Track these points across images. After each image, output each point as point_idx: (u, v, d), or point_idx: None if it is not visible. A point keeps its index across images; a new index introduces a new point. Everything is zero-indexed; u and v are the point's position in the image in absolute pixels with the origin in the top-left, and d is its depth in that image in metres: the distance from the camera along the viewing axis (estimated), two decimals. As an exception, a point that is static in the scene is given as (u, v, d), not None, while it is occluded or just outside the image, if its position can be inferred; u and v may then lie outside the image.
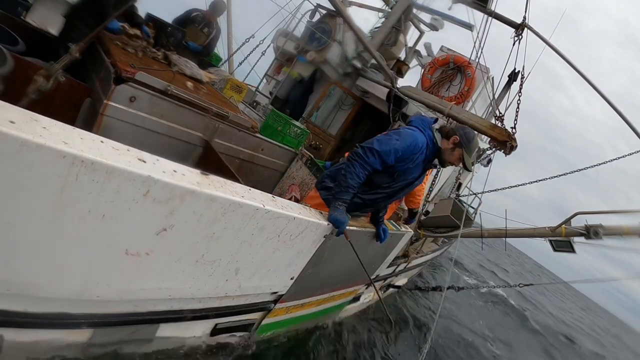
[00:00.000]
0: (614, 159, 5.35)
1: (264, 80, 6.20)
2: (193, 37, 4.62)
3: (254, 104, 4.78)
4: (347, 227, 2.20)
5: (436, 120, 2.38)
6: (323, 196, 2.33)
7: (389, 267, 3.87)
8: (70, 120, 2.09)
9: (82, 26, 2.64)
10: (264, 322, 2.43)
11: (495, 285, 5.52)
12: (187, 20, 4.69)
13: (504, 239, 4.27)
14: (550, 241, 3.73)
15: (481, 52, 4.53)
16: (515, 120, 3.67)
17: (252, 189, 1.65)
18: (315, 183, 2.51)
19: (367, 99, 5.32)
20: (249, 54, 5.49)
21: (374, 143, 2.09)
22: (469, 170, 2.40)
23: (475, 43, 4.56)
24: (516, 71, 4.54)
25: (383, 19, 5.57)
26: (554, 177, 6.21)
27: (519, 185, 6.75)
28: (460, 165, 2.33)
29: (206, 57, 4.96)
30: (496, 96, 4.94)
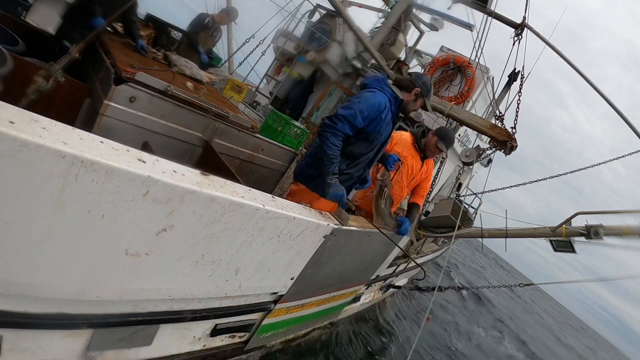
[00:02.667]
0: (612, 159, 5.35)
1: (264, 81, 6.20)
2: (204, 43, 4.63)
3: (254, 104, 4.78)
4: (348, 228, 2.21)
5: (388, 76, 2.47)
6: (312, 187, 2.31)
7: (389, 267, 3.87)
8: (70, 120, 2.09)
9: (77, 27, 2.65)
10: (264, 323, 2.43)
11: (496, 285, 5.51)
12: (201, 27, 4.66)
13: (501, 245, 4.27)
14: (551, 241, 3.73)
15: (481, 52, 4.53)
16: (515, 120, 3.67)
17: (252, 189, 1.65)
18: (293, 177, 2.49)
19: (367, 99, 5.30)
20: (249, 54, 5.49)
21: (339, 110, 2.15)
22: (430, 111, 2.54)
23: (475, 43, 4.55)
24: (516, 71, 4.53)
25: (383, 19, 5.57)
26: (553, 177, 6.20)
27: (518, 185, 6.75)
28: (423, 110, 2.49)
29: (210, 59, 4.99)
30: (496, 96, 4.93)
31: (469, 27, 5.26)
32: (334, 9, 4.40)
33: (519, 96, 3.88)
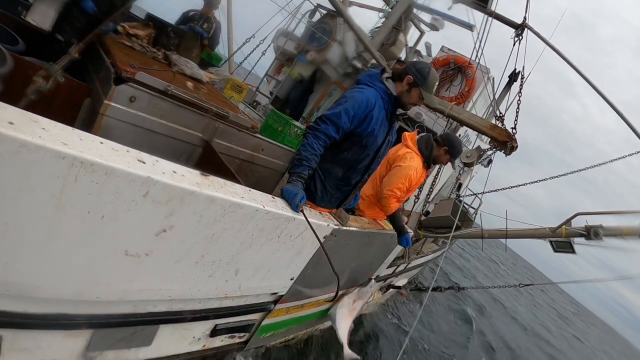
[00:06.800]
0: (614, 159, 5.37)
1: (264, 80, 6.21)
2: (194, 35, 4.66)
3: (254, 104, 4.78)
4: (348, 228, 2.20)
5: (383, 70, 2.22)
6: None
7: (388, 267, 3.87)
8: (70, 120, 2.09)
9: (71, 18, 2.66)
10: (264, 323, 2.43)
11: (496, 285, 5.52)
12: (186, 20, 4.74)
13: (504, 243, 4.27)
14: (551, 242, 3.73)
15: (481, 52, 4.53)
16: (516, 120, 3.67)
17: (252, 189, 1.65)
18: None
19: (367, 99, 5.30)
20: (249, 54, 5.50)
21: (325, 112, 2.01)
22: (433, 106, 2.23)
23: (475, 43, 4.56)
24: (516, 71, 4.54)
25: (383, 19, 5.56)
26: (556, 176, 6.21)
27: (519, 185, 6.75)
28: (423, 103, 2.17)
29: (212, 49, 5.04)
30: (496, 96, 4.93)
31: (469, 27, 5.26)
32: (334, 9, 4.39)
33: (519, 96, 3.88)
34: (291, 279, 2.17)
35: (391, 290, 5.36)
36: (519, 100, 3.88)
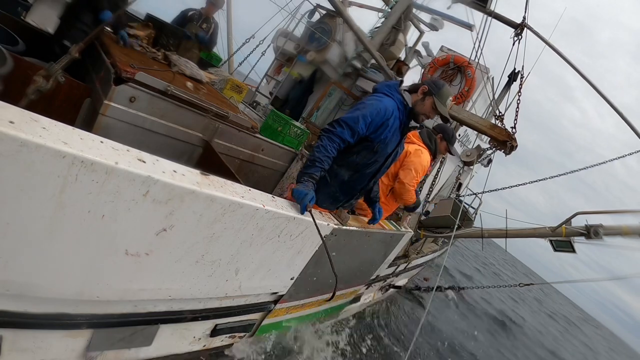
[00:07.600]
0: (612, 159, 5.39)
1: (264, 81, 6.21)
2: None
3: (254, 104, 4.79)
4: (348, 228, 2.20)
5: (401, 82, 2.29)
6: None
7: (389, 267, 3.87)
8: (70, 120, 2.09)
9: (79, 24, 2.66)
10: (264, 323, 2.43)
11: (496, 285, 5.54)
12: (185, 19, 4.73)
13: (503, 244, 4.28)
14: (551, 241, 3.73)
15: (481, 52, 4.54)
16: (515, 120, 3.67)
17: (252, 189, 1.65)
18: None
19: (367, 99, 5.29)
20: (249, 54, 5.50)
21: (342, 116, 2.05)
22: (446, 118, 2.29)
23: (475, 43, 4.56)
24: (516, 71, 4.54)
25: (383, 19, 5.57)
26: (555, 176, 6.22)
27: (518, 185, 6.77)
28: (437, 115, 2.22)
29: (209, 51, 5.02)
30: (496, 96, 4.94)
31: (468, 27, 5.26)
32: (334, 9, 4.40)
33: (519, 96, 3.88)
34: (291, 279, 2.17)
35: (391, 290, 5.36)
36: (518, 99, 3.88)
